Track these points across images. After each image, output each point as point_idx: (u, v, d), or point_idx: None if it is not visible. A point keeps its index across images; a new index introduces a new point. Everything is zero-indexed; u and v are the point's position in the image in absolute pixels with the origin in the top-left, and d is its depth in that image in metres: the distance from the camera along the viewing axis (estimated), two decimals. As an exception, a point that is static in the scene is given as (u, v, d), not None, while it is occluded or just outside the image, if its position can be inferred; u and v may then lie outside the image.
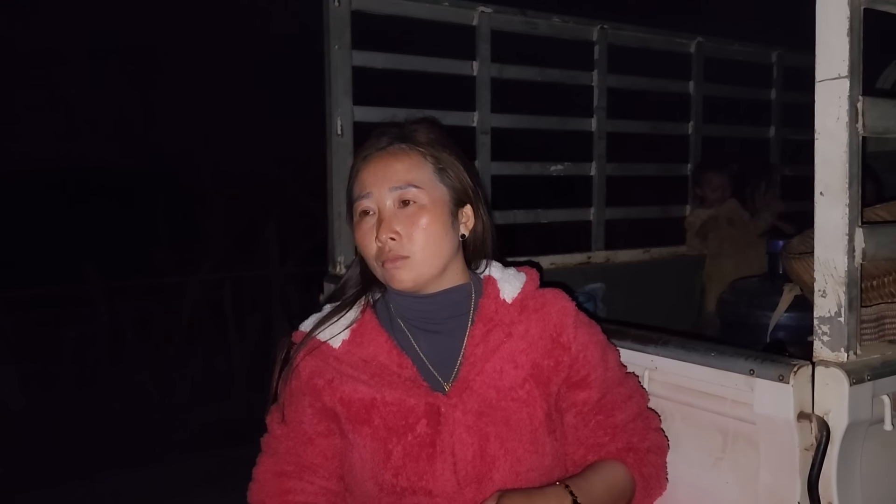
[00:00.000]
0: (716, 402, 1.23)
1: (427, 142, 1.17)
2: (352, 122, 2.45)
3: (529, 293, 1.20)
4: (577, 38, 3.01)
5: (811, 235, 1.65)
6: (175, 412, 5.28)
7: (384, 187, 1.12)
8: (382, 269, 1.13)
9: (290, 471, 1.16)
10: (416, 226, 1.11)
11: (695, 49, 3.29)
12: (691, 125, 3.36)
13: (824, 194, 1.08)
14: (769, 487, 1.15)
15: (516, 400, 1.13)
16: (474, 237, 1.22)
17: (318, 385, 1.14)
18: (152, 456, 4.57)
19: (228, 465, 4.37)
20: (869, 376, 1.09)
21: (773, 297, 1.76)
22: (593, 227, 3.09)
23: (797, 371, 1.09)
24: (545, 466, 1.13)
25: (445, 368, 1.15)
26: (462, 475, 1.08)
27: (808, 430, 1.10)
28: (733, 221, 3.26)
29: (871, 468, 1.14)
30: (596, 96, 3.05)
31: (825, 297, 1.10)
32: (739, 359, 1.17)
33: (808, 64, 3.33)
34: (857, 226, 1.07)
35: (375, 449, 1.10)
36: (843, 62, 1.05)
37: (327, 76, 2.43)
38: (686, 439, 1.29)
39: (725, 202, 3.33)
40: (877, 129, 1.08)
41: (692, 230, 3.33)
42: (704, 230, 3.27)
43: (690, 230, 3.34)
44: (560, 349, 1.17)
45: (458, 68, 2.73)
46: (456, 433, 1.09)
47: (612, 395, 1.20)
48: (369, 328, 1.17)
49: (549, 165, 3.01)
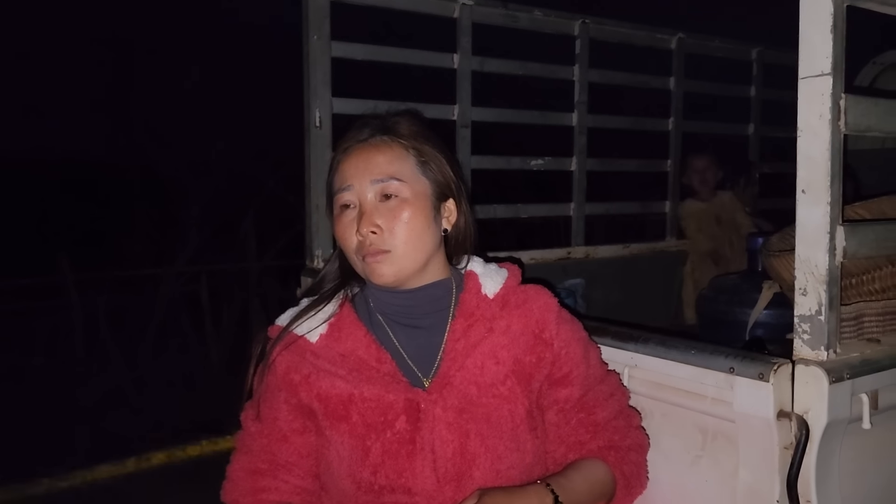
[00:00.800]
0: (695, 400, 1.23)
1: (409, 134, 1.14)
2: (330, 114, 2.41)
3: (511, 289, 1.19)
4: (559, 32, 3.00)
5: (791, 233, 1.66)
6: (149, 406, 5.21)
7: (365, 180, 1.10)
8: (363, 264, 1.11)
9: (264, 469, 1.14)
10: (398, 220, 1.09)
11: (675, 45, 3.29)
12: (671, 121, 3.37)
13: (806, 192, 1.08)
14: (748, 485, 1.15)
15: (497, 396, 1.11)
16: (456, 232, 1.20)
17: (295, 380, 1.12)
18: (125, 450, 4.51)
19: (204, 460, 4.35)
20: (848, 375, 1.09)
21: (752, 294, 1.76)
22: (573, 223, 3.08)
23: (777, 369, 1.09)
24: (526, 464, 1.12)
25: (425, 364, 1.13)
26: (442, 473, 1.06)
27: (788, 428, 1.09)
28: (720, 219, 3.27)
29: (849, 467, 1.14)
30: (577, 91, 3.04)
31: (806, 295, 1.09)
32: (719, 357, 1.17)
33: (788, 62, 3.36)
34: (838, 224, 1.07)
35: (353, 446, 1.08)
36: (826, 59, 1.04)
37: (305, 67, 2.39)
38: (665, 437, 1.28)
39: (718, 195, 3.34)
40: (858, 126, 1.08)
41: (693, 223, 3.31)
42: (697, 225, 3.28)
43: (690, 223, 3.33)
44: (542, 345, 1.15)
45: (439, 61, 2.70)
46: (436, 430, 1.08)
47: (594, 392, 1.19)
48: (347, 322, 1.14)
49: (529, 160, 2.99)
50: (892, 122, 1.15)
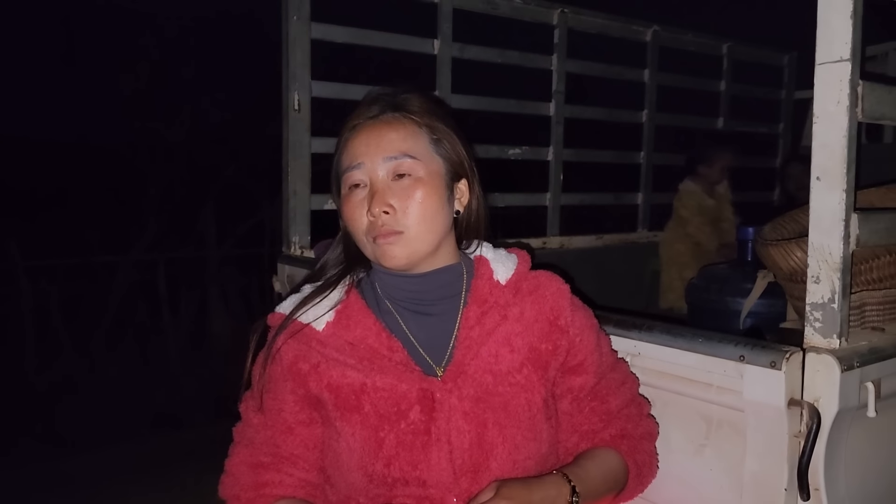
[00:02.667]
0: (700, 389, 1.21)
1: (422, 111, 1.09)
2: (310, 97, 2.36)
3: (523, 275, 1.15)
4: (537, 21, 2.98)
5: (782, 223, 1.68)
6: (102, 398, 5.04)
7: (377, 158, 1.05)
8: (373, 246, 1.06)
9: (267, 462, 1.08)
10: (412, 199, 1.04)
11: (650, 37, 3.31)
12: (645, 113, 3.39)
13: (821, 179, 1.07)
14: (755, 474, 1.14)
15: (514, 385, 1.08)
16: (468, 214, 1.16)
17: (303, 370, 1.07)
18: (78, 444, 4.37)
19: (160, 452, 4.23)
20: (857, 363, 1.09)
21: (743, 283, 1.77)
22: (549, 213, 3.09)
23: (789, 357, 1.08)
24: (542, 454, 1.09)
25: (437, 352, 1.09)
26: (458, 464, 1.03)
27: (798, 416, 1.09)
28: (704, 209, 3.30)
29: (854, 454, 1.14)
30: (555, 80, 3.03)
31: (819, 283, 1.09)
32: (729, 345, 1.15)
33: (757, 58, 3.34)
34: (852, 211, 1.06)
35: (366, 437, 1.03)
36: (845, 45, 1.03)
37: (284, 48, 2.33)
38: (668, 426, 1.27)
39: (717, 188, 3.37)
40: (874, 114, 1.07)
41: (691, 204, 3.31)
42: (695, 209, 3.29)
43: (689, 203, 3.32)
44: (558, 332, 1.13)
45: (419, 46, 2.67)
46: (452, 420, 1.04)
47: (607, 380, 1.17)
48: (355, 310, 1.09)
49: (507, 149, 2.97)
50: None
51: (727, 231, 3.24)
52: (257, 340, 1.12)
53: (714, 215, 3.30)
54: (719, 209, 3.33)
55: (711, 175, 3.35)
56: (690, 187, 3.33)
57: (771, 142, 4.01)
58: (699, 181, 3.35)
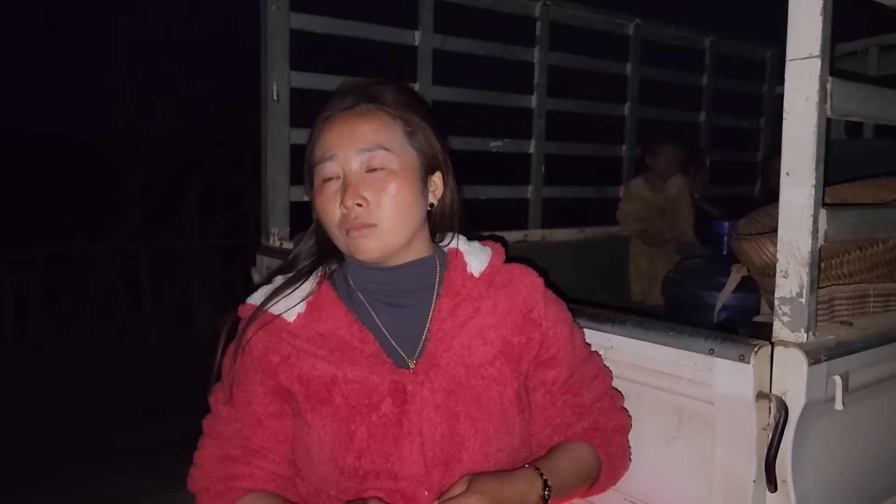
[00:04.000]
0: (672, 382, 1.22)
1: (396, 103, 1.09)
2: (288, 87, 2.34)
3: (496, 267, 1.15)
4: (519, 13, 2.98)
5: (757, 217, 1.69)
6: (84, 390, 5.01)
7: (350, 149, 1.04)
8: (346, 238, 1.05)
9: (236, 455, 1.08)
10: (385, 192, 1.04)
11: (633, 31, 3.32)
12: (627, 107, 3.39)
13: (790, 175, 1.08)
14: (724, 466, 1.16)
15: (486, 378, 1.08)
16: (442, 207, 1.16)
17: (273, 362, 1.06)
18: (60, 436, 4.33)
19: (142, 444, 4.21)
20: (825, 357, 1.10)
21: (718, 277, 1.79)
22: (531, 206, 3.09)
23: (758, 351, 1.09)
24: (514, 447, 1.10)
25: (409, 344, 1.09)
26: (430, 457, 1.03)
27: (766, 409, 1.10)
28: (664, 212, 3.33)
29: (821, 447, 1.16)
30: (537, 73, 3.03)
31: (787, 277, 1.10)
32: (699, 338, 1.16)
33: (741, 52, 3.36)
34: (820, 207, 1.07)
35: (337, 430, 1.03)
36: (815, 41, 1.04)
37: (263, 38, 2.31)
38: (641, 418, 1.28)
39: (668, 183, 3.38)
40: (842, 110, 1.08)
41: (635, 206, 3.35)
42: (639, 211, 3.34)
43: (633, 205, 3.36)
44: (531, 325, 1.13)
45: (400, 37, 2.65)
46: (424, 412, 1.04)
47: (580, 374, 1.18)
48: (327, 301, 1.09)
49: (489, 141, 2.97)
50: (871, 107, 1.17)
51: (682, 228, 3.28)
52: (228, 331, 1.12)
53: (660, 208, 3.34)
54: (669, 204, 3.35)
55: (658, 168, 3.38)
56: (633, 182, 3.40)
57: (753, 136, 4.04)
58: (648, 177, 3.40)
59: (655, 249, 3.27)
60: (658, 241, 3.27)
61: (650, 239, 3.28)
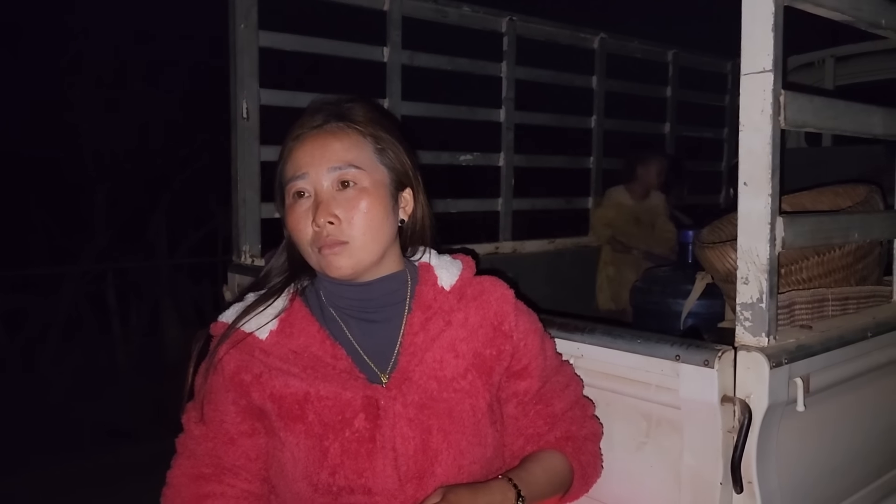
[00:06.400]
0: (640, 388, 1.25)
1: (366, 120, 1.10)
2: (258, 105, 2.35)
3: (467, 280, 1.17)
4: (487, 28, 3.02)
5: (720, 226, 1.73)
6: (51, 413, 4.90)
7: (322, 167, 1.05)
8: (318, 256, 1.06)
9: (208, 473, 1.08)
10: (357, 209, 1.05)
11: (598, 45, 3.38)
12: (594, 119, 3.45)
13: (748, 184, 1.12)
14: (692, 469, 1.18)
15: (459, 391, 1.09)
16: (413, 223, 1.17)
17: (245, 381, 1.06)
18: (23, 461, 4.23)
19: (110, 466, 4.13)
20: (786, 360, 1.13)
21: (684, 285, 1.83)
22: (501, 218, 3.12)
23: (721, 356, 1.12)
24: (487, 458, 1.11)
25: (382, 359, 1.10)
26: (403, 471, 1.04)
27: (731, 412, 1.13)
28: (640, 221, 3.39)
29: (785, 448, 1.19)
30: (504, 87, 3.07)
31: (748, 283, 1.13)
32: (665, 345, 1.19)
33: (702, 65, 3.45)
34: (777, 215, 1.11)
35: (310, 447, 1.03)
36: (767, 56, 1.08)
37: (232, 56, 2.32)
38: (611, 425, 1.30)
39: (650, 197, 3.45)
40: (796, 122, 1.13)
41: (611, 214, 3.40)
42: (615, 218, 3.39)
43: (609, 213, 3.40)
44: (502, 337, 1.14)
45: (369, 54, 2.68)
46: (397, 427, 1.05)
47: (551, 384, 1.19)
48: (299, 318, 1.10)
49: (458, 155, 3.00)
50: (823, 118, 1.21)
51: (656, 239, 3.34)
52: (200, 349, 1.12)
53: (637, 217, 3.40)
54: (647, 214, 3.42)
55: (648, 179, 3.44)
56: (615, 190, 3.48)
57: (717, 146, 4.13)
58: (630, 186, 3.48)
59: (623, 257, 3.33)
60: (625, 247, 3.33)
61: (618, 245, 3.34)
